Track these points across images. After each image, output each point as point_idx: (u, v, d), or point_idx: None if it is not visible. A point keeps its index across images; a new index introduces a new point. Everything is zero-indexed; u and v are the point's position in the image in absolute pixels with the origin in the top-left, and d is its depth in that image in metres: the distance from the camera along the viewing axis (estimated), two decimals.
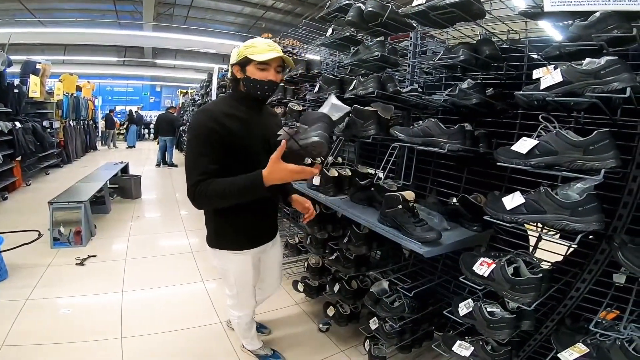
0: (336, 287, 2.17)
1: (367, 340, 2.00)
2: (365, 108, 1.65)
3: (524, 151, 1.00)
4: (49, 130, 6.61)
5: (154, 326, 2.22)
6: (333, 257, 2.14)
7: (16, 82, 5.62)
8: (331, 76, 2.19)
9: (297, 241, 2.83)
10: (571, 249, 1.38)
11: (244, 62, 1.38)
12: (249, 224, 1.52)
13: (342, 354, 2.09)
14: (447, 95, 1.38)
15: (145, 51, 14.00)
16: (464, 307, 1.35)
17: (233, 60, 1.45)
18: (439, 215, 1.49)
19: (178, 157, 9.08)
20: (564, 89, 0.96)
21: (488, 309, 1.24)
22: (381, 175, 2.09)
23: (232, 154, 1.34)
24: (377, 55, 1.65)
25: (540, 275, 1.06)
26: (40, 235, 3.38)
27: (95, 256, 3.20)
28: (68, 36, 10.14)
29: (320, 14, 2.18)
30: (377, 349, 1.93)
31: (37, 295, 2.55)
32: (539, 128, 1.01)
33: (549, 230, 1.03)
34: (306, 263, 2.51)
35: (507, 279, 1.09)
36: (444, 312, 1.45)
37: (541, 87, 1.00)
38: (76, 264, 3.07)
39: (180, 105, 11.70)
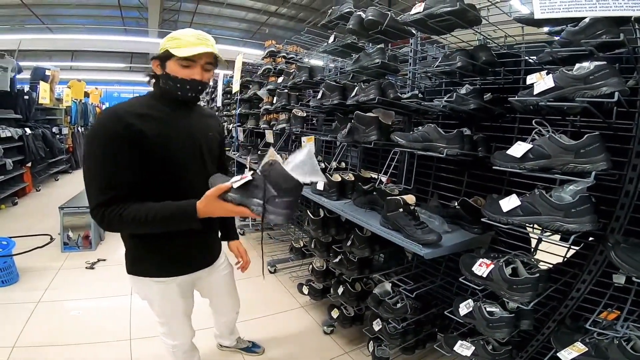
0: (340, 290, 2.21)
1: (371, 341, 2.03)
2: (367, 114, 1.69)
3: (519, 155, 1.04)
4: (58, 136, 6.72)
5: None
6: (337, 259, 2.17)
7: (26, 88, 5.73)
8: (333, 83, 2.24)
9: (302, 245, 2.89)
10: (572, 251, 1.41)
11: (165, 57, 1.14)
12: (175, 246, 1.24)
13: (347, 355, 2.11)
14: (445, 101, 1.41)
15: (150, 57, 14.20)
16: (464, 307, 1.38)
17: (164, 52, 1.15)
18: (439, 218, 1.52)
19: None
20: (556, 94, 1.00)
21: (487, 309, 1.27)
22: (383, 179, 2.14)
23: (149, 162, 1.10)
24: (378, 62, 1.70)
25: (538, 275, 1.08)
26: (52, 239, 3.44)
27: (104, 260, 3.26)
28: (75, 42, 10.32)
29: (322, 22, 2.24)
30: (381, 350, 1.96)
31: (48, 297, 2.60)
32: (533, 132, 1.05)
33: (545, 232, 1.06)
34: (311, 266, 2.54)
35: (504, 279, 1.12)
36: (445, 312, 1.47)
37: (534, 93, 1.03)
38: (86, 267, 3.13)
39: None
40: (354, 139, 1.75)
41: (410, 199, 1.47)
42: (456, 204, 1.62)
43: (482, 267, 1.19)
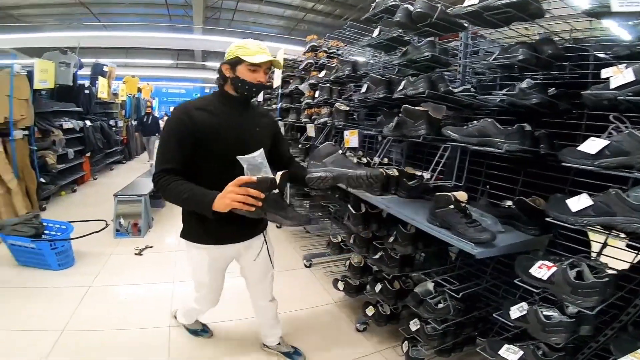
0: (378, 287, 2.18)
1: (406, 341, 1.99)
2: (416, 108, 1.66)
3: (593, 152, 0.97)
4: (114, 129, 7.21)
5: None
6: (377, 256, 2.14)
7: (86, 83, 6.21)
8: (379, 77, 2.21)
9: (340, 240, 2.87)
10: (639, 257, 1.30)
11: (235, 62, 1.36)
12: (215, 222, 1.33)
13: (378, 354, 2.09)
14: (505, 94, 1.35)
15: (195, 54, 14.82)
16: (517, 311, 1.32)
17: (225, 58, 1.39)
18: (492, 217, 1.46)
19: None
20: (636, 88, 0.92)
21: (544, 313, 1.21)
22: (427, 175, 2.09)
23: (198, 149, 1.33)
24: (428, 55, 1.65)
25: (606, 279, 1.02)
26: (107, 225, 3.63)
27: (152, 247, 3.43)
28: (128, 40, 10.97)
29: (366, 15, 2.21)
30: (416, 350, 1.92)
31: (99, 282, 2.74)
32: (610, 128, 0.98)
33: (618, 235, 0.99)
34: (348, 262, 2.53)
35: (569, 282, 1.06)
36: (494, 314, 1.42)
37: (611, 87, 0.96)
38: (135, 253, 3.29)
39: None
40: (402, 133, 1.73)
41: (462, 195, 1.43)
42: (510, 203, 1.55)
43: (542, 270, 1.14)
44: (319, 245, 3.56)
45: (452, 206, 1.40)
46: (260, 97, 5.32)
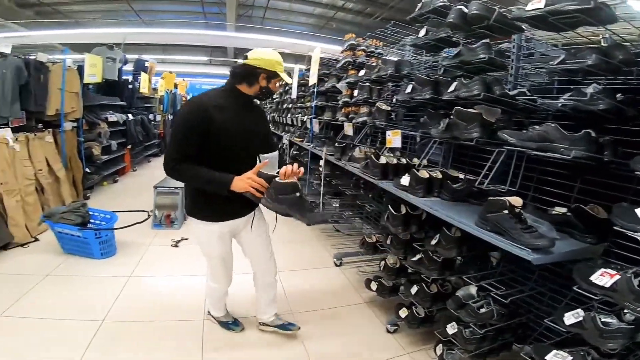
0: (414, 289, 2.17)
1: (440, 344, 1.98)
2: (469, 110, 1.64)
3: None
4: (152, 123, 7.52)
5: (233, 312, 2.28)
6: (416, 258, 2.14)
7: (129, 78, 6.51)
8: (425, 77, 2.20)
9: (375, 240, 2.87)
10: None
11: (273, 75, 1.63)
12: (219, 200, 1.60)
13: (408, 356, 2.08)
14: (568, 99, 1.32)
15: (228, 51, 15.14)
16: (572, 317, 1.31)
17: (261, 64, 1.60)
18: (547, 224, 1.44)
19: None
20: None
21: (602, 319, 1.19)
22: (471, 178, 2.06)
23: (211, 141, 1.53)
24: (484, 58, 1.64)
25: None
26: (149, 216, 3.78)
27: (187, 239, 3.49)
28: (167, 36, 11.32)
29: (411, 15, 2.19)
30: (451, 354, 1.91)
31: (138, 272, 2.83)
32: None
33: None
34: (383, 262, 2.52)
35: (632, 290, 1.04)
36: (546, 320, 1.41)
37: None
38: (171, 245, 3.38)
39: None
40: (452, 135, 1.72)
41: (517, 201, 1.41)
42: (564, 210, 1.52)
43: (604, 277, 1.12)
44: (350, 244, 3.56)
45: (506, 211, 1.39)
46: (294, 94, 5.38)
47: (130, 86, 6.26)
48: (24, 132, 3.63)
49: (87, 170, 4.74)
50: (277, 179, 1.52)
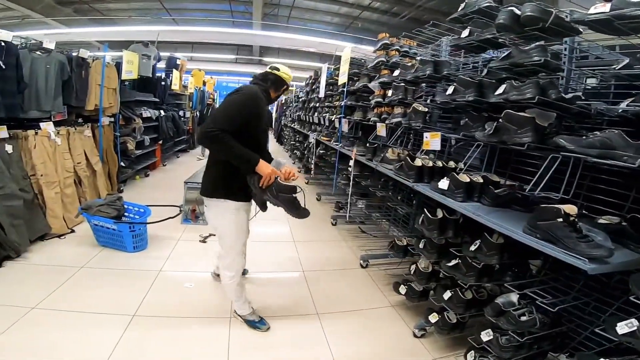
0: (447, 295, 2.12)
1: (472, 351, 1.94)
2: (521, 114, 1.59)
3: None
4: (182, 119, 7.72)
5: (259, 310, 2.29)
6: (452, 263, 2.10)
7: (162, 75, 6.70)
8: (468, 79, 2.15)
9: (406, 243, 2.83)
10: None
11: (286, 88, 2.16)
12: (237, 183, 1.87)
13: None
14: (629, 105, 1.26)
15: (253, 49, 15.34)
16: (625, 327, 1.27)
17: (286, 78, 2.09)
18: (603, 234, 1.38)
19: (277, 149, 9.74)
20: None
21: None
22: (511, 183, 2.00)
23: (249, 125, 1.82)
24: (540, 60, 1.58)
25: None
26: (180, 211, 3.82)
27: (214, 235, 3.41)
28: (197, 34, 11.56)
29: (453, 15, 2.15)
30: None
31: (168, 267, 2.85)
32: None
33: None
34: (413, 266, 2.48)
35: None
36: (596, 329, 1.37)
37: None
38: (199, 240, 3.42)
39: (282, 102, 12.57)
40: (501, 139, 1.67)
41: (571, 209, 1.36)
42: (619, 220, 1.46)
43: None
44: (375, 245, 3.52)
45: (560, 219, 1.34)
46: (322, 93, 5.39)
47: (162, 83, 6.43)
48: (65, 126, 3.78)
49: (122, 164, 4.91)
50: (277, 179, 1.83)
